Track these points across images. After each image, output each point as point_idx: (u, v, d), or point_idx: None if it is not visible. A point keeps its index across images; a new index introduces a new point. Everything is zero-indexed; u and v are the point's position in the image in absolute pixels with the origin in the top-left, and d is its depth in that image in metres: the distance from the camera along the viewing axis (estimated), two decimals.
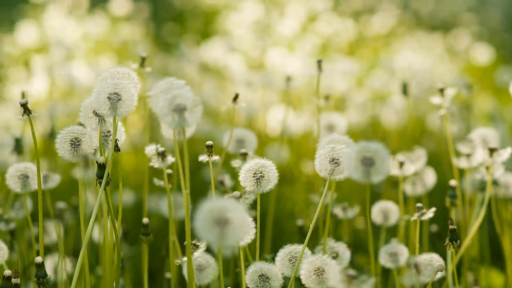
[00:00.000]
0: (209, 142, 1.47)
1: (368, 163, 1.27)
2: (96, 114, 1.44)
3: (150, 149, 1.59)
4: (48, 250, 2.02)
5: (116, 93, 1.38)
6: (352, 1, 5.28)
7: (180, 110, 1.32)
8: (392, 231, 2.48)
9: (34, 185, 1.59)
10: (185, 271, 1.57)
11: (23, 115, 1.41)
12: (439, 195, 2.26)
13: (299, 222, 1.95)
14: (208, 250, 1.65)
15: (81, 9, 4.68)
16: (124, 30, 4.44)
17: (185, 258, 1.45)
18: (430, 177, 1.94)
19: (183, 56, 3.74)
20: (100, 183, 1.40)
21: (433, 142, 2.85)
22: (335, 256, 1.60)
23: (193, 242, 1.43)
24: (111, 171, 1.42)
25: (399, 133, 2.86)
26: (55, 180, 1.70)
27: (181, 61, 3.76)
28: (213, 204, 1.12)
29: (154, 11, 5.36)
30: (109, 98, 1.38)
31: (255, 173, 1.48)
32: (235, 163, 1.63)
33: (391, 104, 2.91)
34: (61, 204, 1.59)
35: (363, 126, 2.91)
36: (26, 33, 4.27)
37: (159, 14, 5.62)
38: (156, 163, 1.57)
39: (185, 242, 1.40)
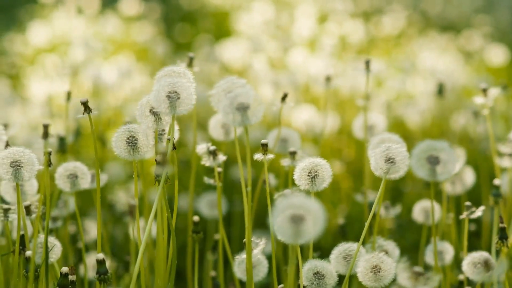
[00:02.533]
0: (264, 141, 1.48)
1: (434, 161, 1.28)
2: (153, 113, 1.45)
3: (201, 148, 1.60)
4: (87, 248, 2.03)
5: (175, 92, 1.39)
6: (360, 2, 5.30)
7: (243, 109, 1.33)
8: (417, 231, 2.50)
9: (83, 184, 1.60)
10: (236, 269, 1.59)
11: (83, 113, 1.42)
12: (470, 194, 2.28)
13: (340, 221, 1.96)
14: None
15: (92, 9, 4.69)
16: (137, 30, 4.45)
17: (244, 255, 1.46)
18: (469, 177, 1.96)
19: (201, 56, 3.75)
20: (158, 181, 1.41)
21: (456, 142, 2.86)
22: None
23: (253, 239, 1.44)
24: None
25: (422, 133, 2.88)
26: (102, 179, 1.71)
27: (200, 61, 3.77)
28: (290, 201, 1.12)
29: (162, 11, 5.36)
30: (168, 96, 1.39)
31: (310, 172, 1.49)
32: (284, 161, 1.64)
33: (415, 104, 2.93)
34: (133, 201, 1.60)
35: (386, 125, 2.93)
36: (37, 33, 4.28)
37: (167, 15, 5.63)
38: (207, 162, 1.58)
39: (245, 240, 1.41)
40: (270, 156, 1.49)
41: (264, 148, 1.48)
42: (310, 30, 3.70)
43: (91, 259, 1.83)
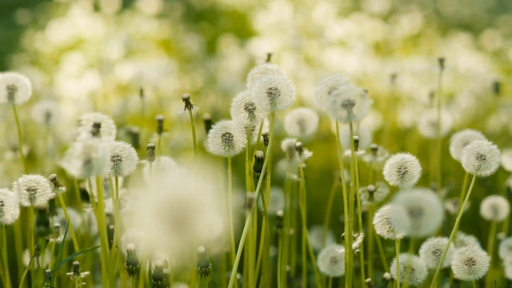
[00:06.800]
0: (355, 137, 1.51)
1: None
2: (247, 109, 1.47)
3: (285, 143, 1.62)
4: None
5: (276, 88, 1.42)
6: (375, 2, 5.33)
7: (348, 105, 1.35)
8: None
9: None
10: (320, 263, 1.62)
11: (184, 109, 1.44)
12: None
13: None
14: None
15: (111, 8, 4.69)
16: (159, 28, 4.46)
17: (342, 250, 1.49)
18: None
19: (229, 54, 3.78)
20: (258, 176, 1.43)
21: (496, 139, 2.90)
22: None
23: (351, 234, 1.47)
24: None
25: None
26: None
27: (224, 60, 3.80)
28: (408, 194, 1.15)
29: (177, 10, 5.38)
30: (269, 93, 1.41)
31: (399, 168, 1.51)
32: (366, 157, 1.67)
33: (454, 102, 2.97)
34: (251, 194, 1.61)
35: None
36: (58, 31, 4.29)
37: (182, 14, 5.64)
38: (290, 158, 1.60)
39: (343, 234, 1.44)
40: (361, 152, 1.51)
41: (356, 144, 1.51)
42: (344, 29, 3.73)
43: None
